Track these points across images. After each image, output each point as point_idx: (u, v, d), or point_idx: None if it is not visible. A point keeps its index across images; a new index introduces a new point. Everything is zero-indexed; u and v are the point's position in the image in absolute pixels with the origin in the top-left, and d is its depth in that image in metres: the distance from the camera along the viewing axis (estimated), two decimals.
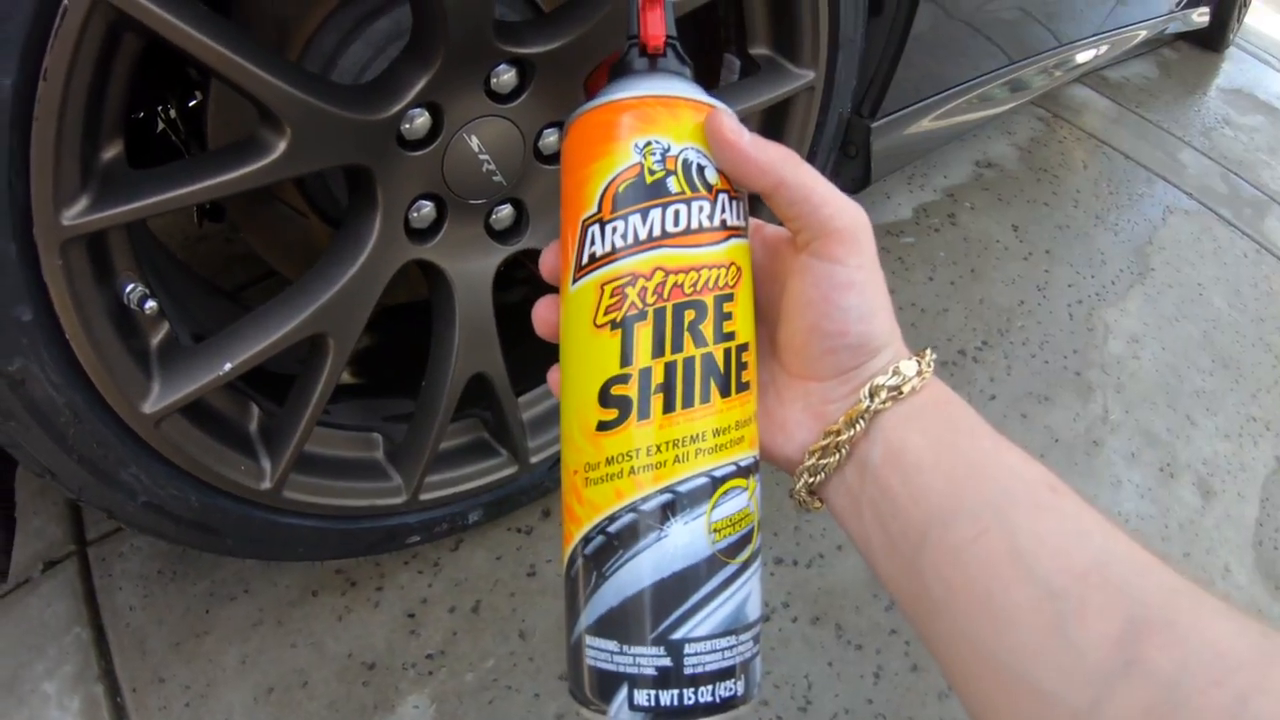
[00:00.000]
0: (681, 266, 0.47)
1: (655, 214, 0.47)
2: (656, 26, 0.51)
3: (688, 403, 0.46)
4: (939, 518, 0.47)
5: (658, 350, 0.46)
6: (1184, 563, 1.43)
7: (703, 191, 0.48)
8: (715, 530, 0.46)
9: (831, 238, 0.50)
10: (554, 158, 0.96)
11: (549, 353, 0.54)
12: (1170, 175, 2.43)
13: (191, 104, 1.11)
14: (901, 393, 0.51)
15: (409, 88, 0.81)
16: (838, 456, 0.51)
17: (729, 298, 0.48)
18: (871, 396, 0.51)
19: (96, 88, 0.69)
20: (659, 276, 0.46)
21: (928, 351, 0.53)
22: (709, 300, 0.47)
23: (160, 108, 1.21)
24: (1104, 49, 2.18)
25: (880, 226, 1.80)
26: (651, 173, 0.47)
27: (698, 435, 0.46)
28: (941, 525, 0.47)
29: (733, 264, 0.49)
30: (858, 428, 0.51)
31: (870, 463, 0.51)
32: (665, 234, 0.47)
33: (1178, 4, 2.75)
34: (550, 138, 0.94)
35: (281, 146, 0.75)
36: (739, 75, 1.12)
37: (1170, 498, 1.53)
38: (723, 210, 0.49)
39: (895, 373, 0.51)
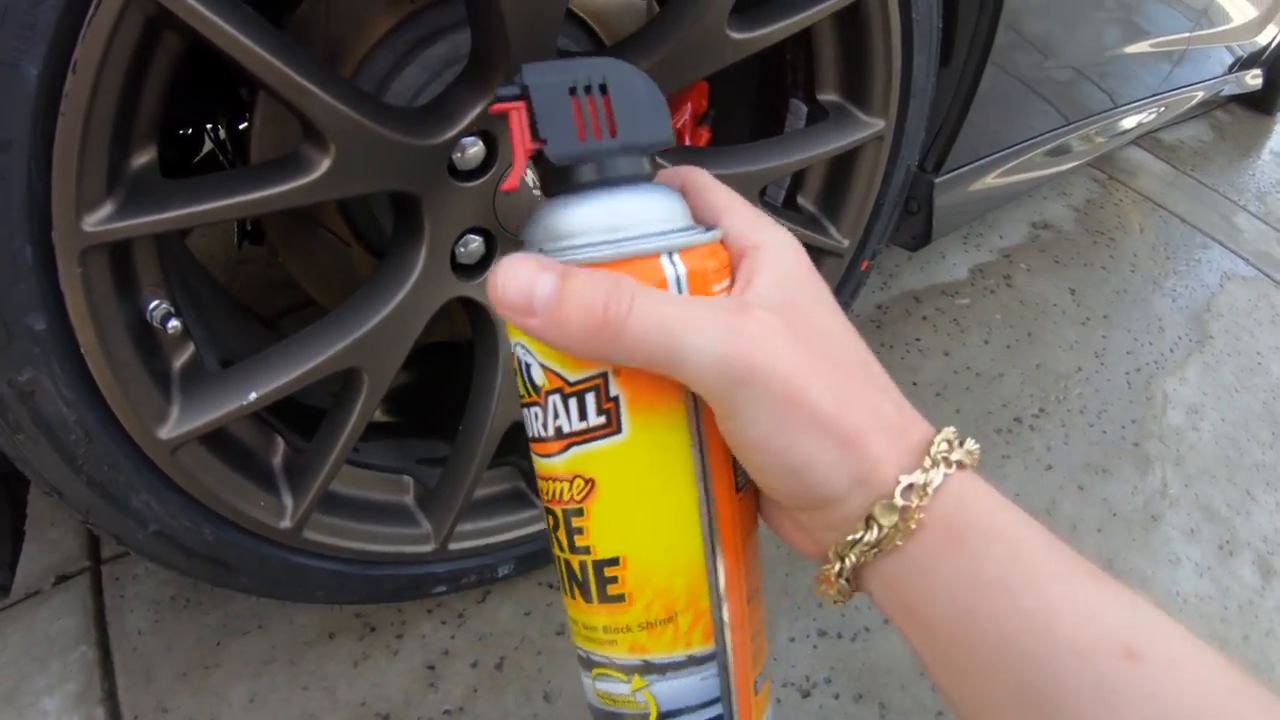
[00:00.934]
0: (540, 474, 0.46)
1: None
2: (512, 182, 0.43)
3: (569, 592, 0.47)
4: (978, 694, 0.39)
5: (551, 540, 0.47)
6: (1242, 645, 1.36)
7: (531, 395, 0.43)
8: (600, 695, 0.48)
9: (707, 393, 0.40)
10: None
11: None
12: (1226, 240, 2.39)
13: (242, 125, 1.08)
14: (882, 549, 0.41)
15: (464, 114, 0.77)
16: (843, 586, 0.44)
17: (577, 512, 0.44)
18: (841, 557, 0.42)
19: (130, 87, 0.65)
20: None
21: (929, 456, 0.41)
22: (558, 512, 0.45)
23: (209, 126, 1.18)
24: (1162, 110, 2.15)
25: (935, 286, 1.76)
26: (514, 372, 0.46)
27: (575, 620, 0.48)
28: (981, 699, 0.39)
29: (576, 477, 0.43)
30: (845, 578, 0.43)
31: (884, 602, 0.43)
32: (529, 439, 0.46)
33: (1232, 66, 2.72)
34: None
35: (324, 165, 0.71)
36: (805, 122, 1.08)
37: (1229, 577, 1.46)
38: (555, 415, 0.42)
39: (870, 523, 0.41)
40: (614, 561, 0.44)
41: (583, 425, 0.42)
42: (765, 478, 0.42)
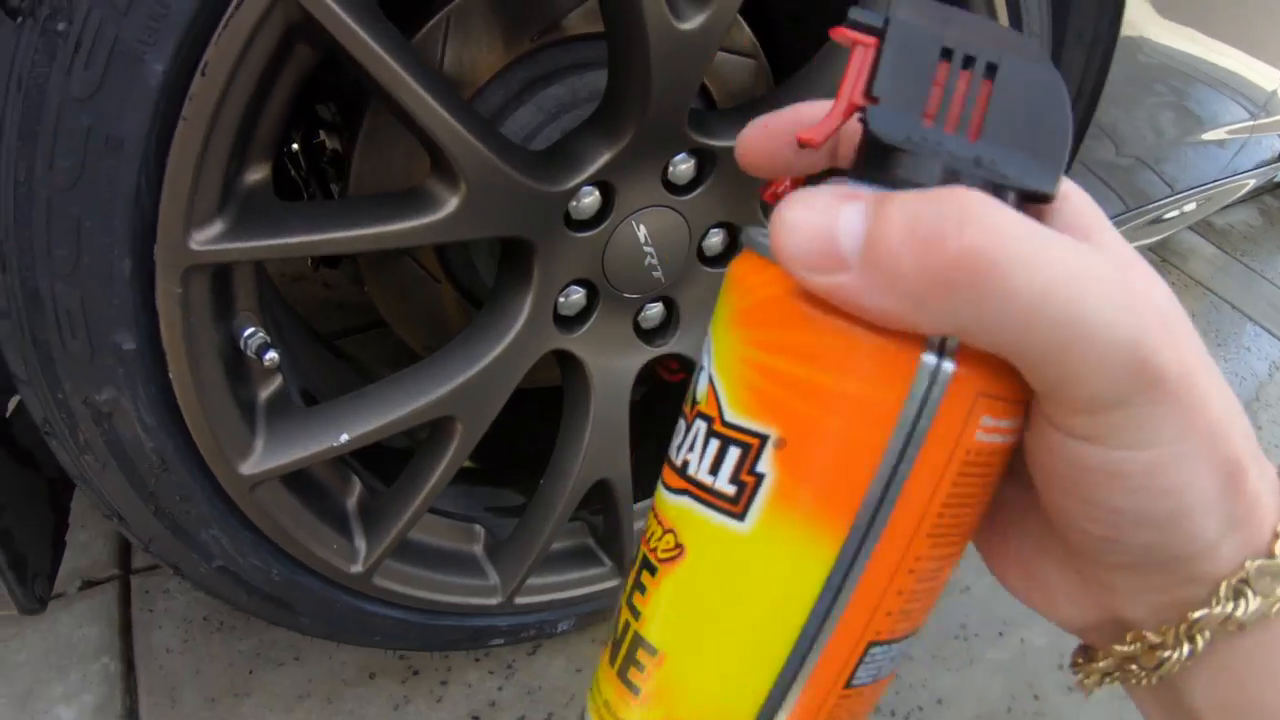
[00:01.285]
0: (654, 497, 0.35)
1: None
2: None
3: (609, 637, 0.37)
4: None
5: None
6: None
7: (687, 404, 0.33)
8: None
9: (1065, 402, 0.28)
10: (716, 259, 0.89)
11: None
12: (1275, 328, 2.39)
13: (315, 140, 1.05)
14: (1242, 625, 0.31)
15: (589, 163, 0.74)
16: (1139, 678, 0.34)
17: (651, 569, 0.34)
18: (1189, 636, 0.31)
19: (257, 98, 0.62)
20: None
21: None
22: (642, 552, 0.35)
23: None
24: (1217, 196, 2.16)
25: None
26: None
27: (596, 674, 0.38)
28: None
29: (670, 531, 0.33)
30: (1174, 654, 0.32)
31: (1188, 701, 0.33)
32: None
33: None
34: (715, 238, 0.87)
35: (453, 204, 0.68)
36: None
37: None
38: (690, 446, 0.32)
39: (1234, 594, 0.30)
40: (651, 650, 0.34)
41: (708, 480, 0.31)
42: (1116, 528, 0.30)
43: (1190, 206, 2.01)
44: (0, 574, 0.81)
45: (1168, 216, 1.92)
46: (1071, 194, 0.32)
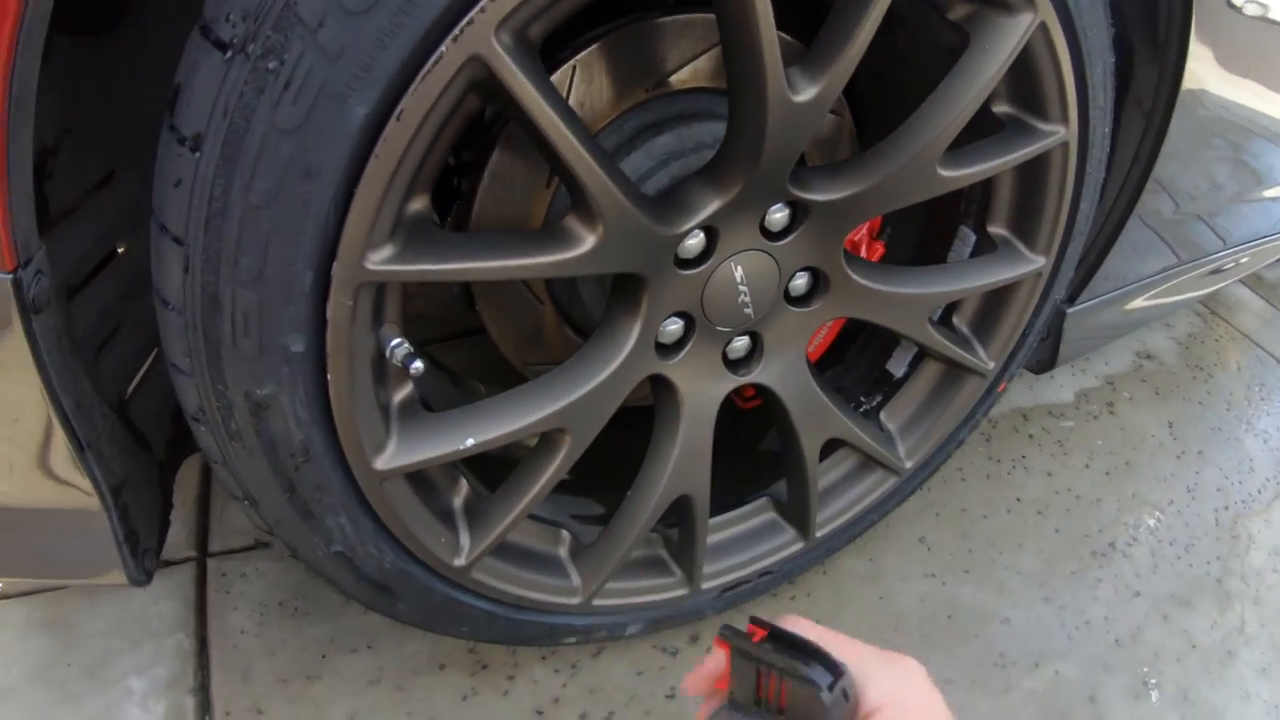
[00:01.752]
0: None
1: None
2: None
3: None
4: None
5: None
6: None
7: None
8: None
9: None
10: (799, 300, 0.98)
11: (739, 475, 0.55)
12: None
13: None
14: None
15: (700, 210, 0.83)
16: None
17: None
18: None
19: (433, 140, 0.70)
20: None
21: None
22: None
23: None
24: (1269, 250, 2.18)
25: (1043, 406, 1.82)
26: None
27: None
28: None
29: None
30: None
31: None
32: None
33: None
34: (800, 280, 0.96)
35: (590, 243, 0.77)
36: (972, 250, 1.12)
37: None
38: None
39: None
40: None
41: None
42: None
43: (1245, 259, 2.04)
44: (117, 546, 0.87)
45: (1226, 267, 1.94)
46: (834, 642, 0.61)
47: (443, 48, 0.63)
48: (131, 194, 0.86)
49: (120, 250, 0.87)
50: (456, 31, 0.63)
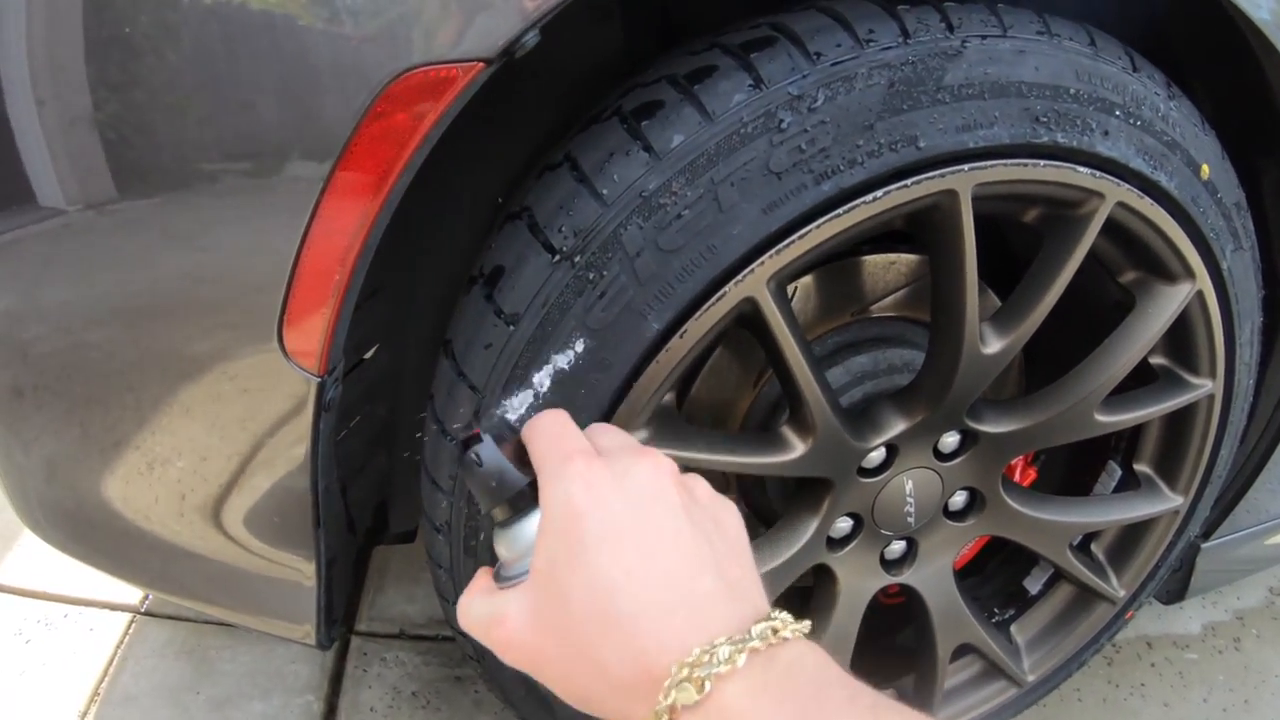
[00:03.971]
0: None
1: None
2: None
3: None
4: None
5: None
6: None
7: None
8: None
9: None
10: (956, 515, 1.08)
11: (870, 666, 0.59)
12: None
13: None
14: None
15: (889, 429, 0.95)
16: None
17: None
18: None
19: (699, 351, 0.83)
20: None
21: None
22: None
23: None
24: None
25: (1168, 636, 1.81)
26: None
27: None
28: None
29: None
30: None
31: None
32: None
33: None
34: (959, 498, 1.06)
35: (800, 449, 0.89)
36: (1116, 484, 1.21)
37: None
38: None
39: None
40: None
41: None
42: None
43: None
44: (317, 611, 0.98)
45: None
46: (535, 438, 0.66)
47: (727, 288, 0.78)
48: (388, 307, 1.00)
49: (366, 356, 1.00)
50: (740, 277, 0.78)
